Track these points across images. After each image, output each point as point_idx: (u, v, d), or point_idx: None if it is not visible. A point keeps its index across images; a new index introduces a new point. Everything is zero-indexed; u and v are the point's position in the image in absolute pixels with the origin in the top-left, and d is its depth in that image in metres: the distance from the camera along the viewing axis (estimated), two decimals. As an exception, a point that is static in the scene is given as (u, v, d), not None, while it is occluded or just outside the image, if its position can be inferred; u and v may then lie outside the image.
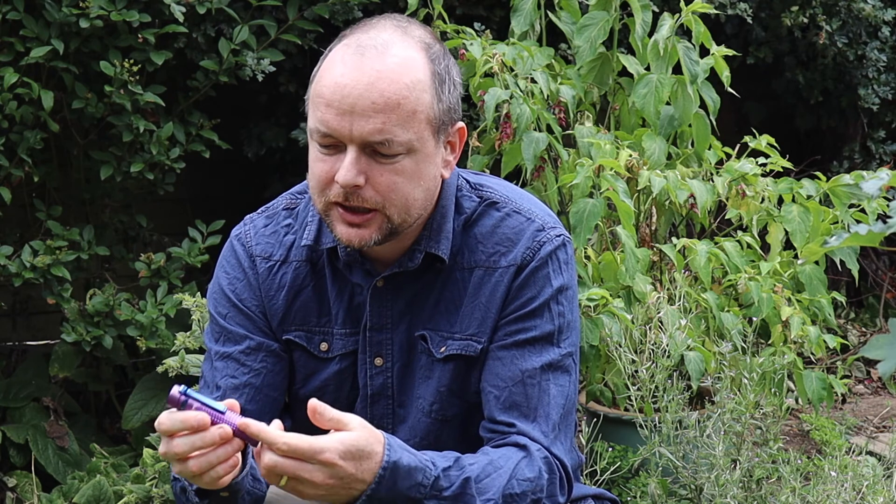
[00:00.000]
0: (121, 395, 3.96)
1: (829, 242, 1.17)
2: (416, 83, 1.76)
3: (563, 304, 1.88)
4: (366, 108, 1.73)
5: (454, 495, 1.72)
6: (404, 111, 1.74)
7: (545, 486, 1.81)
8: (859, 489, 2.99)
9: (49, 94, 3.42)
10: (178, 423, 1.63)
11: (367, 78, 1.74)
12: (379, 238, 1.80)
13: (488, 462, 1.77)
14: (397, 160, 1.76)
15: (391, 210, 1.78)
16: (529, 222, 1.89)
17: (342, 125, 1.74)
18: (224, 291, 1.94)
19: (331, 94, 1.74)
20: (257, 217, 1.99)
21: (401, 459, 1.68)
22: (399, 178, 1.77)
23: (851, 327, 5.14)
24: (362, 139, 1.74)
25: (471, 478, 1.74)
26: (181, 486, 1.80)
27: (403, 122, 1.74)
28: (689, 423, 3.01)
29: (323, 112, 1.75)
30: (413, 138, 1.76)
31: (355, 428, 1.66)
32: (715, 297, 3.36)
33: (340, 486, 1.65)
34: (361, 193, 1.76)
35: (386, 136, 1.74)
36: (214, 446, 1.63)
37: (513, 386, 1.84)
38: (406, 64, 1.76)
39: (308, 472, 1.62)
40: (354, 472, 1.64)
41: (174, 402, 1.65)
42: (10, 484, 3.51)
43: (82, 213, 3.85)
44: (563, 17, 3.76)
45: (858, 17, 4.80)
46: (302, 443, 1.62)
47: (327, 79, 1.76)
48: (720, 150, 3.71)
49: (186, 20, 3.52)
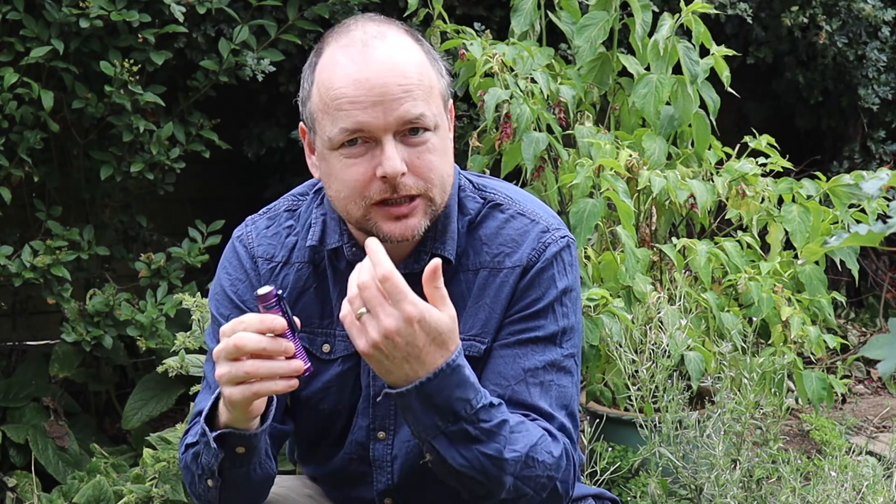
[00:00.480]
0: (121, 395, 3.96)
1: (829, 242, 1.17)
2: (421, 62, 1.78)
3: (567, 305, 1.88)
4: (395, 92, 1.73)
5: (489, 430, 1.71)
6: (425, 88, 1.76)
7: (562, 469, 1.81)
8: (859, 489, 2.99)
9: (49, 94, 3.42)
10: (255, 322, 1.65)
11: (384, 66, 1.74)
12: (427, 223, 1.81)
13: (521, 420, 1.78)
14: (427, 138, 1.77)
15: (433, 191, 1.79)
16: (534, 224, 1.90)
17: (375, 116, 1.73)
18: (226, 292, 1.94)
19: (354, 91, 1.74)
20: (259, 218, 1.99)
21: (464, 368, 1.69)
22: (433, 157, 1.78)
23: (851, 327, 5.15)
24: (400, 121, 1.74)
25: (508, 422, 1.74)
26: (194, 452, 1.79)
27: (426, 99, 1.76)
28: (689, 423, 3.01)
29: (349, 110, 1.74)
30: (436, 113, 1.78)
31: (447, 315, 1.66)
32: (715, 297, 3.36)
33: (401, 356, 1.64)
34: (405, 181, 1.76)
35: (419, 112, 1.75)
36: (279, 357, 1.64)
37: (515, 384, 1.84)
38: (407, 47, 1.78)
39: (386, 314, 1.62)
40: (422, 348, 1.64)
41: (264, 300, 1.66)
42: (10, 484, 3.51)
43: (82, 213, 3.85)
44: (563, 17, 3.76)
45: (858, 17, 4.81)
46: (401, 283, 1.62)
47: (341, 80, 1.75)
48: (720, 150, 3.71)
49: (186, 20, 3.52)
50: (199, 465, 1.79)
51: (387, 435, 1.91)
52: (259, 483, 1.82)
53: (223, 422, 1.74)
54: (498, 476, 1.73)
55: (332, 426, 1.94)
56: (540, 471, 1.77)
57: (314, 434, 1.96)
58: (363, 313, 1.63)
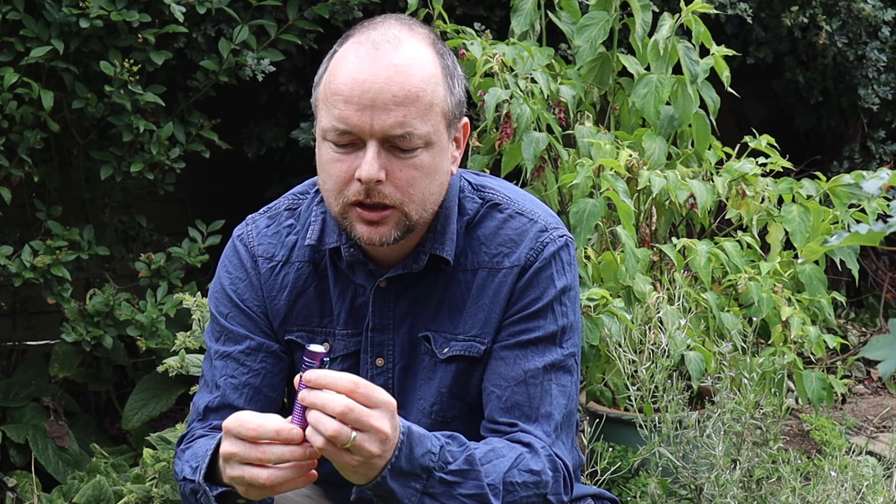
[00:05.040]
0: (121, 395, 3.96)
1: (829, 242, 1.17)
2: (431, 76, 1.77)
3: (566, 304, 1.88)
4: (387, 101, 1.73)
5: (461, 470, 1.70)
6: (423, 104, 1.75)
7: (550, 483, 1.80)
8: (859, 489, 2.99)
9: (49, 94, 3.42)
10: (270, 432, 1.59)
11: (385, 72, 1.74)
12: (398, 235, 1.80)
13: (490, 449, 1.77)
14: (416, 154, 1.76)
15: (409, 206, 1.78)
16: (532, 223, 1.89)
17: (363, 120, 1.73)
18: (226, 291, 1.95)
19: (349, 90, 1.74)
20: (259, 217, 1.99)
21: (412, 426, 1.67)
22: (417, 173, 1.77)
23: (851, 327, 5.14)
24: (383, 133, 1.74)
25: (475, 455, 1.73)
26: (192, 489, 1.78)
27: (422, 115, 1.75)
28: (689, 423, 3.01)
29: (342, 109, 1.74)
30: (431, 131, 1.76)
31: None
32: (715, 297, 3.36)
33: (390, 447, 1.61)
34: (381, 189, 1.76)
35: (407, 129, 1.74)
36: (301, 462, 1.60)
37: (515, 386, 1.84)
38: (420, 58, 1.77)
39: (376, 419, 1.57)
40: (391, 438, 1.60)
41: (312, 357, 1.61)
42: (10, 484, 3.50)
43: (82, 213, 3.85)
44: (563, 17, 3.76)
45: (858, 17, 4.80)
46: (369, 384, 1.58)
47: (343, 75, 1.75)
48: (720, 150, 3.71)
49: (186, 20, 3.52)
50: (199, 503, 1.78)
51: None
52: None
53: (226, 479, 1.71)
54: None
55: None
56: (523, 492, 1.77)
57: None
58: (355, 438, 1.57)
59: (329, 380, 1.57)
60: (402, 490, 1.65)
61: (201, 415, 1.93)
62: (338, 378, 1.57)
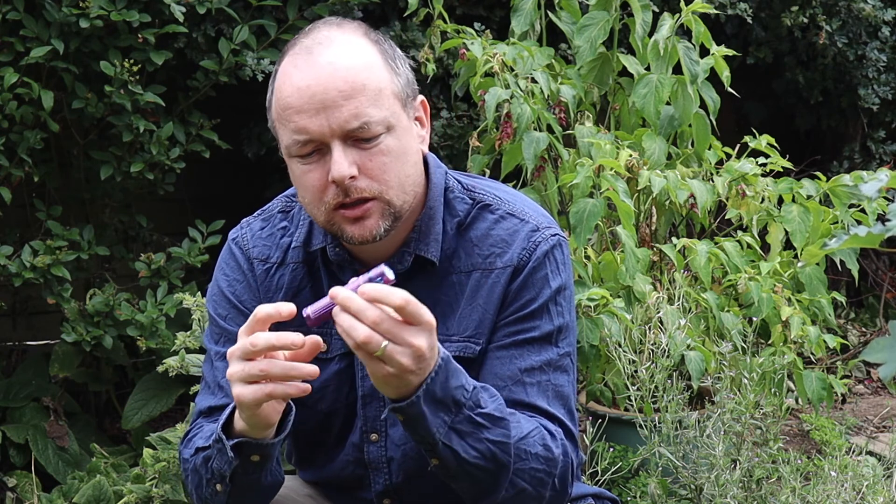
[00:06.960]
0: (121, 395, 3.96)
1: (828, 244, 1.17)
2: (370, 63, 1.78)
3: (561, 304, 1.88)
4: (335, 98, 1.74)
5: (490, 415, 1.71)
6: (371, 91, 1.76)
7: (559, 466, 1.80)
8: (859, 489, 2.99)
9: (49, 94, 3.42)
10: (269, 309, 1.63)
11: (325, 71, 1.75)
12: (387, 225, 1.80)
13: (512, 412, 1.77)
14: (380, 141, 1.77)
15: (389, 193, 1.79)
16: (524, 223, 1.89)
17: (320, 124, 1.75)
18: (224, 293, 1.95)
19: (298, 100, 1.75)
20: (253, 220, 2.00)
21: (451, 358, 1.68)
22: (387, 159, 1.78)
23: (851, 327, 5.14)
24: (342, 129, 1.75)
25: (504, 408, 1.74)
26: (205, 456, 1.78)
27: (374, 102, 1.76)
28: (689, 423, 3.01)
29: (297, 120, 1.76)
30: (388, 115, 1.77)
31: None
32: (715, 297, 3.36)
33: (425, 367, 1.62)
34: (357, 184, 1.77)
35: (363, 119, 1.74)
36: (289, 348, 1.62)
37: (512, 385, 1.84)
38: (355, 49, 1.78)
39: (413, 335, 1.58)
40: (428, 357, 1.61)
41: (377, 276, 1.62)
42: (10, 484, 3.51)
43: (82, 213, 3.85)
44: (563, 17, 3.76)
45: (858, 17, 4.80)
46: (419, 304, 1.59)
47: (288, 89, 1.77)
48: (720, 150, 3.71)
49: (186, 20, 3.52)
50: (210, 470, 1.78)
51: (379, 437, 1.91)
52: (267, 488, 1.83)
53: (238, 430, 1.74)
54: (507, 464, 1.73)
55: (329, 427, 1.94)
56: (534, 463, 1.76)
57: (312, 436, 1.96)
58: (386, 347, 1.59)
59: (382, 293, 1.59)
60: (433, 418, 1.66)
61: (206, 412, 1.93)
62: (390, 292, 1.58)
